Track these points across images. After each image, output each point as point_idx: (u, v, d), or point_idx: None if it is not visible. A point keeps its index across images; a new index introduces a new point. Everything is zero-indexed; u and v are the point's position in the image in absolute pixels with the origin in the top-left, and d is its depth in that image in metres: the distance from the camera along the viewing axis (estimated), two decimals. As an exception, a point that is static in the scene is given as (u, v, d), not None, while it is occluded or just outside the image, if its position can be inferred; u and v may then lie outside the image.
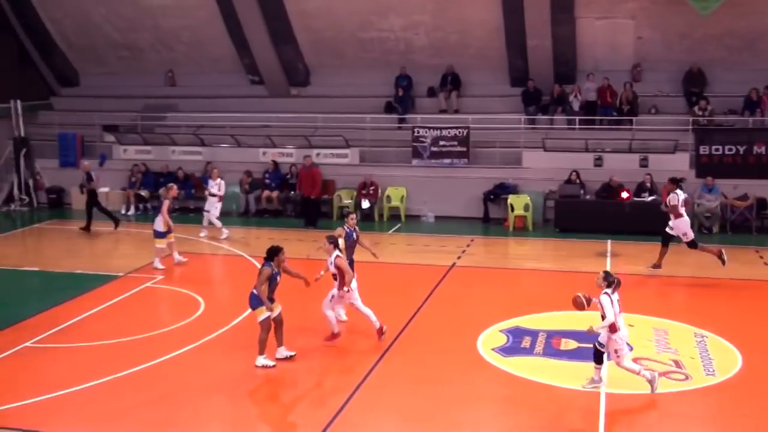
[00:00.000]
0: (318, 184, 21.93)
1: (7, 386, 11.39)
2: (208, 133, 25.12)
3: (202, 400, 10.90)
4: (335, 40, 24.93)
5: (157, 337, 13.24)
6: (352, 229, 14.36)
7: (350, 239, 14.28)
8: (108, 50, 27.23)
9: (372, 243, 15.38)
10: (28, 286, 16.93)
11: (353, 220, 14.43)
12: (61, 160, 25.75)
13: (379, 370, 11.78)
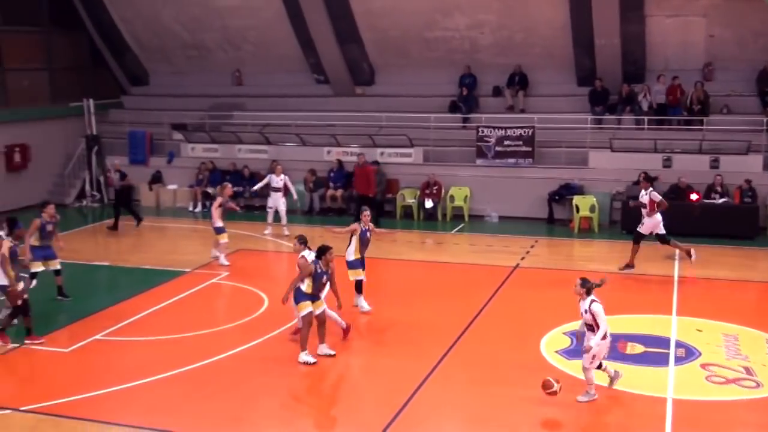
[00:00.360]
0: (372, 182, 21.95)
1: (78, 377, 11.70)
2: (273, 131, 25.37)
3: (264, 395, 11.01)
4: (400, 39, 24.93)
5: (222, 332, 13.43)
6: (367, 228, 14.59)
7: (364, 237, 14.55)
8: (177, 50, 27.73)
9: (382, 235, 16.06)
10: (98, 281, 17.35)
11: (367, 217, 14.69)
12: (131, 157, 26.29)
13: (441, 370, 11.74)
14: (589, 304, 10.29)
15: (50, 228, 14.59)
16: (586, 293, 10.39)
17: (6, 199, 22.92)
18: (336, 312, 12.66)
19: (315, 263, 11.92)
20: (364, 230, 14.49)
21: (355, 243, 14.40)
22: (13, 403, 10.72)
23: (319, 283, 12.00)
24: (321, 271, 11.94)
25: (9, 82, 25.13)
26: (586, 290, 10.40)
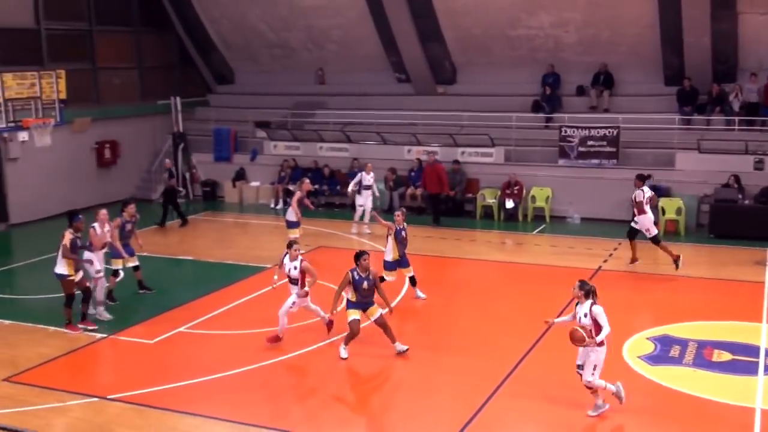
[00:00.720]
0: (444, 181, 21.90)
1: (161, 368, 11.99)
2: (355, 130, 25.52)
3: (339, 393, 11.09)
4: (483, 37, 24.74)
5: (301, 328, 13.56)
6: (401, 227, 14.72)
7: (399, 236, 14.70)
8: (262, 49, 28.15)
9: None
10: (182, 275, 17.75)
11: (400, 217, 14.83)
12: (216, 154, 26.82)
13: (520, 371, 11.62)
14: (590, 308, 9.94)
15: (129, 227, 15.02)
16: (585, 296, 10.04)
17: (96, 193, 23.64)
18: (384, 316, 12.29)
19: (352, 270, 11.93)
20: (399, 229, 14.71)
21: (391, 243, 14.67)
22: (100, 391, 11.07)
23: (362, 290, 11.94)
24: (360, 277, 11.90)
25: (101, 81, 25.93)
26: (585, 293, 10.05)
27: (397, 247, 14.69)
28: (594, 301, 9.99)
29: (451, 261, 18.31)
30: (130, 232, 15.09)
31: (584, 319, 9.99)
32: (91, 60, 25.54)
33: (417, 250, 18.86)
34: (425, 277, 16.86)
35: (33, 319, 14.10)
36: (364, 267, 11.94)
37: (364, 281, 11.93)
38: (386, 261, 14.81)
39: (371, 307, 12.07)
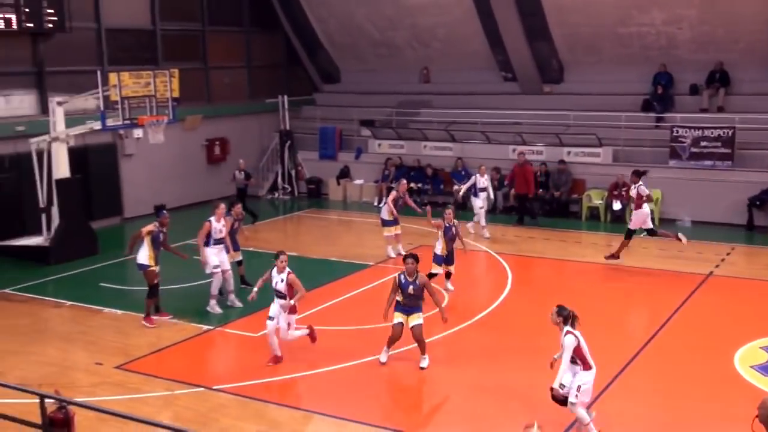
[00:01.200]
0: (531, 181, 21.66)
1: (264, 361, 12.21)
2: (459, 129, 25.41)
3: (440, 390, 11.04)
4: (592, 35, 24.22)
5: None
6: (451, 224, 14.82)
7: (448, 233, 14.80)
8: (368, 48, 28.36)
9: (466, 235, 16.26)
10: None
11: (450, 214, 14.87)
12: (321, 152, 27.19)
13: (623, 378, 11.31)
14: (564, 336, 9.33)
15: (236, 225, 15.45)
16: (563, 322, 9.40)
17: (206, 189, 24.34)
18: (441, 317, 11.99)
19: (400, 273, 11.80)
20: (447, 227, 14.83)
21: (441, 239, 14.86)
22: (205, 381, 11.37)
23: (407, 293, 11.72)
24: (406, 281, 11.72)
25: (212, 80, 26.68)
26: (563, 319, 9.41)
27: (446, 244, 14.94)
28: (568, 330, 9.35)
29: (554, 263, 18.00)
30: (237, 229, 15.50)
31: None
32: (203, 59, 26.31)
33: (520, 251, 18.67)
34: (527, 278, 16.67)
35: (144, 309, 14.60)
36: (410, 270, 11.71)
37: (410, 285, 11.70)
38: (435, 254, 15.10)
39: (415, 313, 11.78)
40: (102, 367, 12.04)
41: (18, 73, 20.70)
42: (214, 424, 10.14)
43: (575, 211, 22.63)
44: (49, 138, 18.39)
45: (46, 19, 20.25)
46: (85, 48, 22.33)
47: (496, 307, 14.67)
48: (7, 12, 19.33)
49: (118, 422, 9.23)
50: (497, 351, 12.55)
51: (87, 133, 19.36)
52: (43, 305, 15.37)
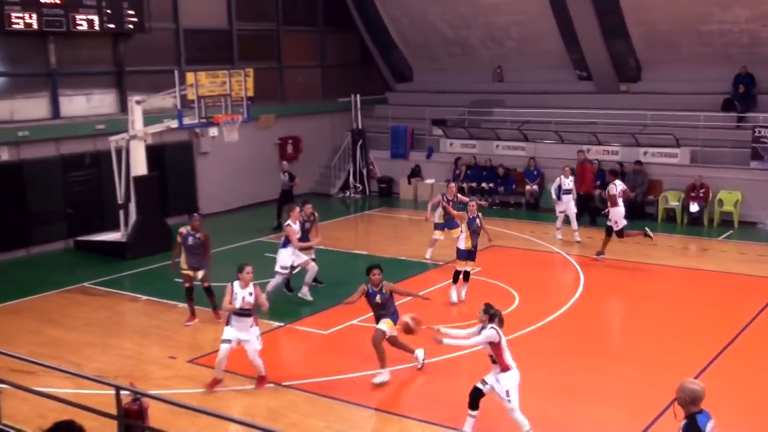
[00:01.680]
0: (588, 180, 21.38)
1: (334, 358, 12.29)
2: (532, 128, 25.13)
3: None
4: (671, 33, 23.63)
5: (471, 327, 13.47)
6: (475, 215, 14.65)
7: (473, 225, 14.63)
8: (440, 47, 28.27)
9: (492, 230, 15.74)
10: (357, 269, 18.05)
11: (474, 206, 14.76)
12: (392, 151, 27.23)
13: (704, 380, 10.98)
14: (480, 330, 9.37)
15: (307, 226, 15.57)
16: (489, 320, 9.30)
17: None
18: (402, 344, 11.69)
19: (367, 285, 11.56)
20: (472, 218, 14.68)
21: (464, 232, 14.69)
22: (275, 377, 11.48)
23: (374, 303, 11.50)
24: (372, 292, 11.49)
25: (286, 79, 26.97)
26: (489, 317, 9.33)
27: (471, 237, 14.73)
28: (494, 326, 9.38)
29: (629, 265, 17.64)
30: (308, 231, 15.57)
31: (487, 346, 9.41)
32: (278, 59, 26.62)
33: (593, 253, 18.33)
34: (601, 281, 16.38)
35: (217, 304, 14.84)
36: (374, 282, 11.49)
37: (377, 295, 11.50)
38: (459, 249, 14.85)
39: (384, 319, 11.52)
40: (175, 360, 12.28)
41: (99, 73, 21.29)
42: (283, 419, 10.24)
43: (651, 213, 22.14)
44: (128, 136, 18.86)
45: (127, 20, 20.78)
46: (163, 48, 22.84)
47: (566, 310, 14.46)
48: (89, 14, 19.89)
49: (190, 415, 9.41)
50: (567, 354, 12.37)
51: (164, 132, 19.82)
52: (120, 299, 15.77)
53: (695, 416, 6.29)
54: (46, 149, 19.70)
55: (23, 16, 18.60)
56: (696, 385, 6.38)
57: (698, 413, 6.33)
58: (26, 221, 19.24)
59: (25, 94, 19.77)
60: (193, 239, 13.82)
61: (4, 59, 19.44)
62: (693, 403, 6.33)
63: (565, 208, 19.77)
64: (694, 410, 6.34)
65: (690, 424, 6.29)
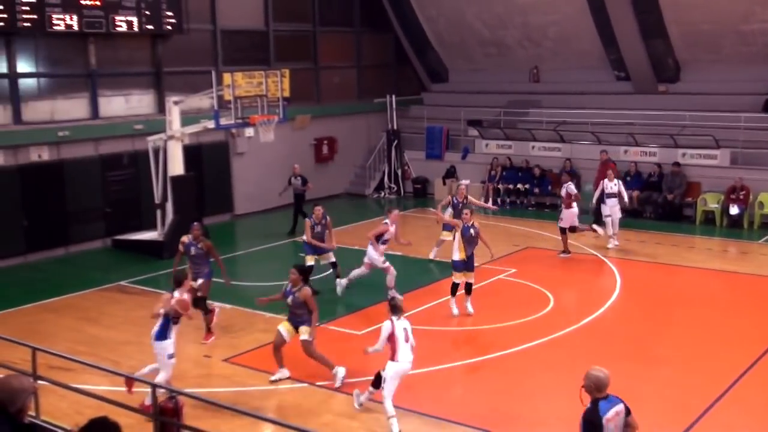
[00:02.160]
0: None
1: (367, 359, 12.28)
2: (568, 129, 24.93)
3: (544, 396, 10.85)
4: (711, 33, 23.30)
5: (505, 329, 13.44)
6: (469, 224, 14.06)
7: (467, 234, 14.02)
8: (476, 47, 28.17)
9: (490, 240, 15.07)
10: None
11: (468, 214, 14.14)
12: (428, 152, 27.18)
13: (736, 391, 10.85)
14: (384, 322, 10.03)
15: (318, 229, 15.49)
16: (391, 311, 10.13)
17: (313, 188, 24.68)
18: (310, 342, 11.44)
19: (287, 283, 11.55)
20: (466, 227, 14.05)
21: (458, 241, 14.08)
22: (310, 377, 11.52)
23: (287, 303, 11.45)
24: (288, 291, 11.44)
25: (322, 80, 27.06)
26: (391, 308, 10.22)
27: (465, 247, 14.02)
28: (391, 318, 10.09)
29: (666, 268, 17.43)
30: (320, 234, 15.49)
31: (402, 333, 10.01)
32: (314, 60, 26.71)
33: (629, 255, 18.19)
34: (638, 283, 16.21)
35: (252, 305, 14.92)
36: (292, 281, 11.41)
37: (290, 295, 11.40)
38: (454, 261, 14.17)
39: (302, 326, 11.40)
40: (210, 359, 12.38)
41: (137, 74, 21.54)
42: (316, 419, 10.27)
43: (689, 215, 21.86)
44: (165, 136, 19.05)
45: (165, 21, 20.98)
46: (200, 49, 23.03)
47: (602, 313, 14.33)
48: (128, 15, 20.12)
49: (224, 414, 9.47)
50: (602, 357, 12.20)
51: (201, 132, 19.99)
52: (157, 298, 15.89)
53: (598, 402, 6.59)
54: (86, 149, 19.98)
55: (64, 17, 18.87)
56: (600, 372, 6.67)
57: (602, 399, 6.62)
58: (65, 220, 19.52)
59: (66, 94, 20.06)
60: (195, 249, 13.50)
61: (45, 60, 19.74)
62: (597, 389, 6.63)
63: (611, 212, 19.13)
64: (598, 396, 6.63)
65: (591, 409, 6.59)
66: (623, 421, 6.73)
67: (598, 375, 6.64)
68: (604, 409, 6.56)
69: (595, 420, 6.51)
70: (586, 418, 6.56)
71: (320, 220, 15.60)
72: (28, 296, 15.83)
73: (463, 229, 14.07)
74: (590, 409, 6.59)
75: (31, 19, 18.31)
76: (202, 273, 13.50)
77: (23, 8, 18.14)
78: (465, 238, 14.03)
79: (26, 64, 19.39)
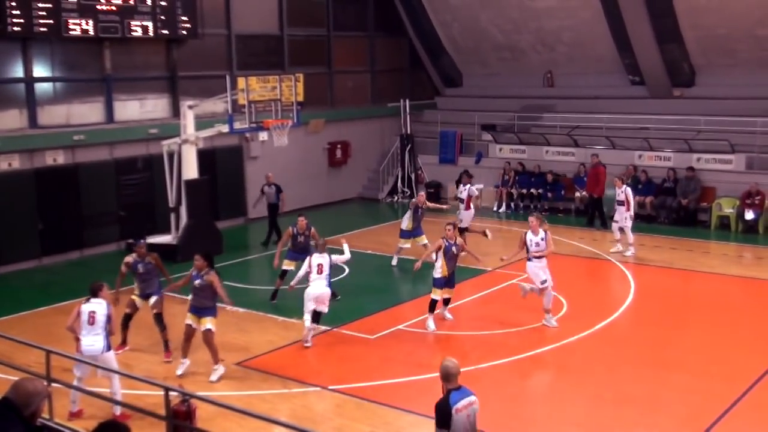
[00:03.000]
0: (601, 183, 21.44)
1: (380, 363, 12.28)
2: (582, 134, 24.84)
3: (559, 401, 10.81)
4: (727, 37, 23.17)
5: (519, 333, 13.40)
6: (451, 242, 13.71)
7: (449, 252, 13.65)
8: (490, 52, 28.13)
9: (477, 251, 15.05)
10: (404, 274, 18.09)
11: (450, 231, 13.81)
12: (441, 156, 27.16)
13: (753, 396, 10.78)
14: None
15: (301, 239, 15.13)
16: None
17: (327, 192, 24.77)
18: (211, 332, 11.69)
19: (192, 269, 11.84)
20: (449, 245, 13.69)
21: (441, 259, 13.66)
22: (322, 381, 11.53)
23: (193, 287, 11.72)
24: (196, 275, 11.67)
25: (336, 84, 27.10)
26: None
27: (447, 264, 13.65)
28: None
29: (681, 273, 17.35)
30: (303, 245, 15.07)
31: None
32: (328, 64, 26.75)
33: (644, 260, 18.10)
34: (652, 288, 16.13)
35: (264, 308, 14.98)
36: (198, 266, 11.56)
37: (197, 279, 11.54)
38: (435, 278, 13.81)
39: (206, 317, 11.54)
40: (223, 363, 12.38)
41: (152, 78, 21.64)
42: (329, 422, 10.27)
43: (704, 220, 21.74)
44: (180, 140, 19.12)
45: (180, 26, 21.08)
46: (215, 54, 23.13)
47: (617, 318, 14.27)
48: (144, 20, 20.23)
49: (236, 417, 9.48)
50: (617, 362, 12.19)
51: (215, 136, 20.06)
52: (171, 301, 15.87)
53: (450, 392, 6.89)
54: (101, 153, 20.08)
55: (80, 22, 18.98)
56: (450, 363, 6.96)
57: (454, 390, 6.90)
58: (80, 223, 19.62)
59: (81, 98, 20.17)
60: (143, 266, 12.97)
61: (61, 64, 19.85)
62: (446, 380, 6.93)
63: (619, 218, 18.93)
64: (449, 387, 6.92)
65: (442, 399, 6.90)
66: (475, 412, 6.97)
67: (446, 365, 6.94)
68: (454, 399, 6.84)
69: (445, 409, 6.80)
70: (437, 407, 6.87)
71: (303, 230, 15.17)
72: (42, 299, 15.92)
73: (445, 248, 13.74)
74: (441, 399, 6.89)
75: (48, 24, 18.44)
76: (153, 290, 13.07)
77: (40, 13, 18.27)
78: (447, 255, 13.69)
79: (42, 68, 19.51)
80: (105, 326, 10.41)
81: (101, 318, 10.39)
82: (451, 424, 6.79)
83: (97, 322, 10.39)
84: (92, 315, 10.42)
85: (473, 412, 6.95)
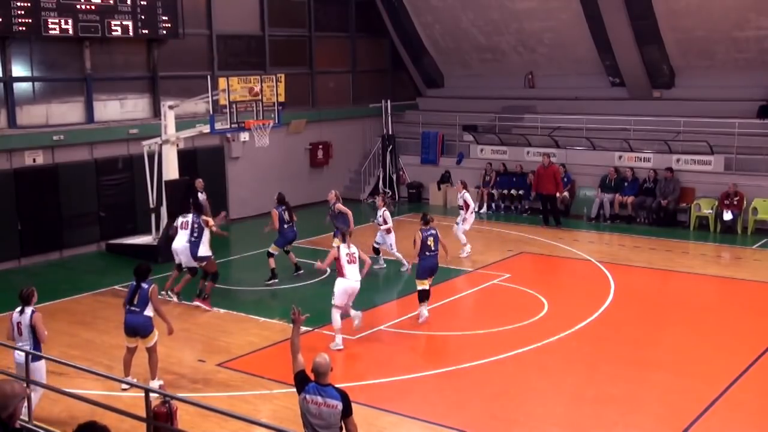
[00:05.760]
0: (560, 182, 22.11)
1: (361, 364, 12.29)
2: (563, 135, 24.97)
3: (540, 401, 10.86)
4: (706, 39, 23.37)
5: (500, 333, 13.45)
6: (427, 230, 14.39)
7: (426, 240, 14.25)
8: (472, 53, 28.21)
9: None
10: (387, 274, 18.11)
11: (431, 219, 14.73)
12: (423, 157, 27.20)
13: (731, 395, 10.87)
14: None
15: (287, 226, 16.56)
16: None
17: (308, 192, 24.69)
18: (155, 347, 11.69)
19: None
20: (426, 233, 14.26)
21: (418, 246, 14.14)
22: (303, 382, 11.48)
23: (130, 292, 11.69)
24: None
25: (317, 84, 27.07)
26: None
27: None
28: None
29: (661, 273, 17.48)
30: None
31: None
32: (309, 64, 26.72)
33: (624, 260, 18.21)
34: (632, 289, 16.24)
35: (245, 309, 14.95)
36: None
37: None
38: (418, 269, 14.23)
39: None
40: (204, 364, 12.36)
41: (133, 78, 21.52)
42: (310, 424, 10.23)
43: (683, 221, 21.92)
44: (160, 140, 19.04)
45: (161, 26, 20.97)
46: (196, 53, 23.03)
47: (597, 317, 14.35)
48: (124, 19, 20.11)
49: (218, 418, 9.47)
50: (596, 361, 12.27)
51: (196, 136, 19.98)
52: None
53: (309, 382, 7.28)
54: (80, 153, 19.95)
55: (59, 21, 18.84)
56: (320, 359, 7.33)
57: (316, 383, 7.27)
58: (60, 224, 19.48)
59: (61, 98, 20.03)
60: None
61: (40, 64, 19.70)
62: (314, 372, 7.26)
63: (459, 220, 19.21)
64: (315, 380, 7.25)
65: (304, 376, 7.35)
66: (332, 415, 7.17)
67: (317, 360, 7.29)
68: (309, 390, 7.21)
69: (301, 381, 7.29)
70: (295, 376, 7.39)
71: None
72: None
73: (423, 237, 14.18)
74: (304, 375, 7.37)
75: (27, 23, 18.29)
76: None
77: (19, 12, 18.12)
78: (424, 244, 14.10)
79: (21, 68, 19.37)
80: (29, 336, 9.98)
81: (24, 329, 9.99)
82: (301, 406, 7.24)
83: (23, 332, 10.01)
84: (18, 325, 10.06)
85: (326, 412, 7.17)
